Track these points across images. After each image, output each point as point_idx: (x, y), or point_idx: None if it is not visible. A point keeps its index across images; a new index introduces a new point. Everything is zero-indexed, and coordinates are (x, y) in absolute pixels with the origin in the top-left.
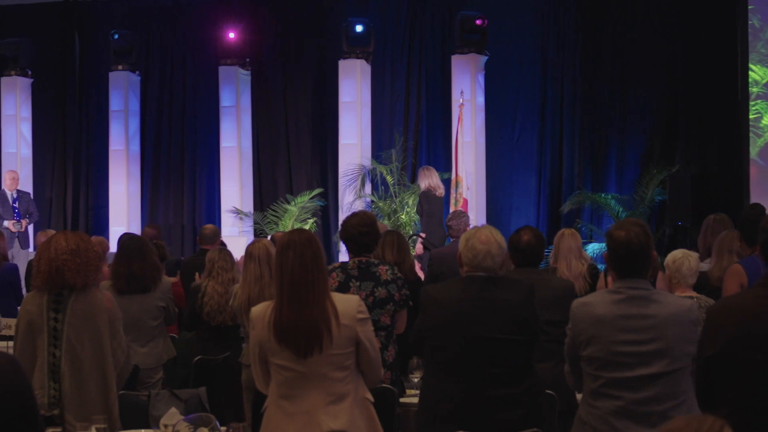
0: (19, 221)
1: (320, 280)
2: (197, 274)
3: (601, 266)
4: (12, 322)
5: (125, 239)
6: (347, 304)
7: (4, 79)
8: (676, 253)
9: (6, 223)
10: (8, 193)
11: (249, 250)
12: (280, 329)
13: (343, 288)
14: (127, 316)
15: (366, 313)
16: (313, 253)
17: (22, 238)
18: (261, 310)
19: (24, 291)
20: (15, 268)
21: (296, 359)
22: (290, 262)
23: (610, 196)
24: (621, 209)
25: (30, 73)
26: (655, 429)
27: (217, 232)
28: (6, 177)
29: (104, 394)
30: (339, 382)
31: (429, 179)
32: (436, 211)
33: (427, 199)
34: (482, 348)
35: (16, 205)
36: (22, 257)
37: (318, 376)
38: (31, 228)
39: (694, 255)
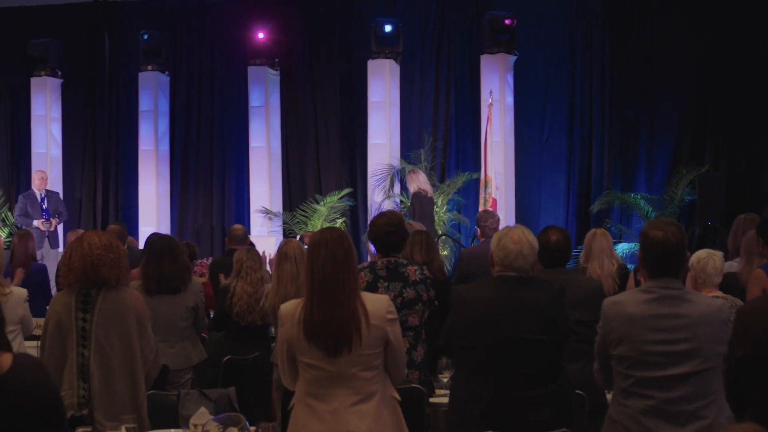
0: (48, 220)
1: (351, 279)
2: (221, 275)
3: (630, 266)
4: (42, 322)
5: (155, 239)
6: (377, 304)
7: (34, 79)
8: (701, 253)
9: (35, 223)
10: (37, 193)
11: (283, 251)
12: (309, 328)
13: (372, 288)
14: (157, 317)
15: (395, 313)
16: (344, 252)
17: (52, 237)
18: (291, 307)
19: (54, 291)
20: (44, 268)
21: (325, 358)
22: (321, 260)
23: (639, 196)
24: (650, 209)
25: (60, 73)
26: (686, 428)
27: (246, 232)
28: (35, 177)
29: (133, 393)
30: (367, 382)
31: (418, 182)
32: (428, 212)
33: (419, 200)
34: (512, 348)
35: (45, 204)
36: (51, 257)
37: (347, 375)
38: (60, 228)
39: (719, 254)
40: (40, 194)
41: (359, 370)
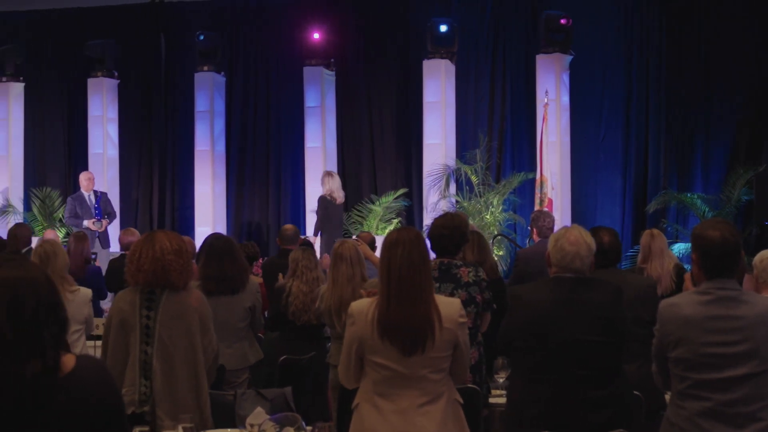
0: (99, 220)
1: (426, 279)
2: (281, 274)
3: (687, 266)
4: (100, 321)
5: (214, 240)
6: (450, 307)
7: (90, 80)
8: (764, 253)
9: (86, 223)
10: (86, 195)
11: (339, 252)
12: (385, 326)
13: None
14: (215, 317)
15: (465, 317)
16: (420, 252)
17: (103, 237)
18: (363, 306)
19: (105, 291)
20: (99, 271)
21: (398, 358)
22: (398, 259)
23: (696, 196)
24: (707, 209)
25: (116, 74)
26: (743, 430)
27: (298, 232)
28: (82, 179)
29: (195, 392)
30: (436, 384)
31: (329, 185)
32: (333, 217)
33: (323, 204)
34: (570, 350)
35: (96, 204)
36: (103, 257)
37: (417, 376)
38: (111, 227)
39: None
40: (89, 195)
41: (429, 371)
